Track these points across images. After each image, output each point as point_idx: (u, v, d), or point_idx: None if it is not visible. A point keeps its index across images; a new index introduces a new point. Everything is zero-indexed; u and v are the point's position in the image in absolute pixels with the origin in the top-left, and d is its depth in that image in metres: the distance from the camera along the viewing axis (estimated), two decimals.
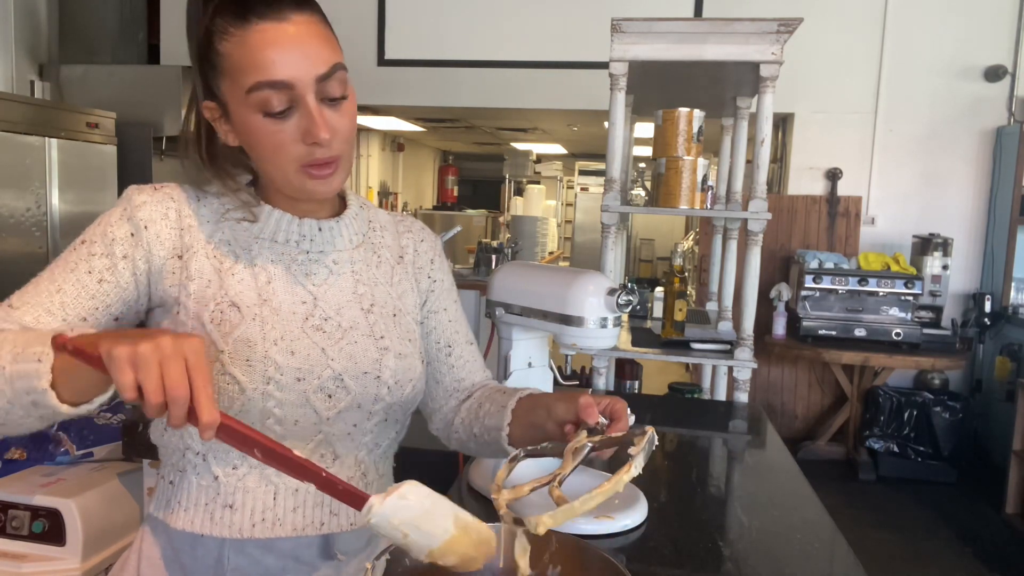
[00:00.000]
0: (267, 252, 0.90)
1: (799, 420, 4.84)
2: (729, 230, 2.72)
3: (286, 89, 0.80)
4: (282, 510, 0.88)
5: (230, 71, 0.81)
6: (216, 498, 0.87)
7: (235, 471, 0.87)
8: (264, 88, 0.79)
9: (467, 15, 4.64)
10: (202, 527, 0.87)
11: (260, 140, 0.83)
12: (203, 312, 0.85)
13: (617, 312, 1.25)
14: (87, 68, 4.79)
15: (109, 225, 0.86)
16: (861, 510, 3.84)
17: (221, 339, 0.83)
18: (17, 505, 1.65)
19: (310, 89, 0.81)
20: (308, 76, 0.80)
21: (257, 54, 0.79)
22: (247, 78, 0.80)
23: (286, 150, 0.83)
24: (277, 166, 0.84)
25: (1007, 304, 4.37)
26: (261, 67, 0.79)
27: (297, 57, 0.80)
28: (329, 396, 0.88)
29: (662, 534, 1.19)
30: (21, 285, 0.84)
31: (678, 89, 2.50)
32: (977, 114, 4.55)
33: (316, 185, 0.85)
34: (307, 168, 0.84)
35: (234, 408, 0.83)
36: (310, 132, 0.81)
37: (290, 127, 0.82)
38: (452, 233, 4.13)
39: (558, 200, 11.62)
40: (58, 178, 4.02)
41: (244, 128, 0.84)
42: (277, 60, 0.79)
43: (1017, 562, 3.37)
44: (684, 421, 1.94)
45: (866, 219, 4.74)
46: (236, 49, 0.80)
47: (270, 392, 0.84)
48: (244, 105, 0.81)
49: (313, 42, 0.81)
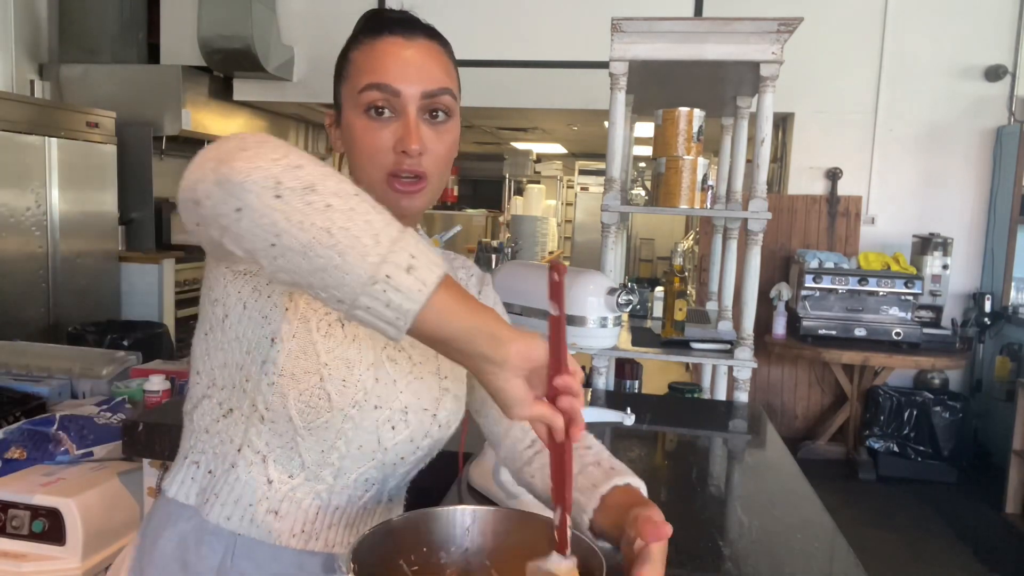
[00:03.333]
0: None
1: (799, 420, 4.84)
2: (729, 230, 2.72)
3: (393, 95, 0.85)
4: (321, 525, 0.88)
5: (352, 74, 0.88)
6: (262, 501, 0.86)
7: (290, 480, 0.86)
8: (373, 89, 0.85)
9: (467, 15, 4.64)
10: (239, 526, 0.86)
11: (358, 140, 0.86)
12: (311, 318, 0.82)
13: (617, 312, 1.25)
14: (87, 68, 4.79)
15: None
16: (861, 510, 3.84)
17: (325, 352, 0.82)
18: (17, 505, 1.65)
19: (415, 102, 0.86)
20: (416, 89, 0.85)
21: (378, 60, 0.86)
22: (363, 79, 0.86)
23: (379, 154, 0.86)
24: (368, 171, 0.87)
25: (1007, 304, 4.38)
26: (378, 71, 0.85)
27: (412, 70, 0.86)
28: (392, 427, 0.88)
29: None
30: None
31: (678, 89, 2.50)
32: (977, 114, 4.56)
33: (399, 199, 0.87)
34: (394, 178, 0.86)
35: (317, 423, 0.82)
36: (402, 140, 0.85)
37: (387, 132, 0.86)
38: (452, 233, 4.13)
39: (558, 200, 11.62)
40: (58, 178, 4.02)
41: (348, 128, 0.87)
42: (393, 68, 0.85)
43: (1017, 562, 3.37)
44: (684, 421, 1.94)
45: (866, 219, 4.74)
46: (362, 55, 0.87)
47: (351, 415, 0.84)
48: (354, 105, 0.87)
49: (430, 63, 0.87)
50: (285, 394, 0.81)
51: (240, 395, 0.84)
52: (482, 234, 8.35)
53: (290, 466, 0.86)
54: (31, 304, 3.91)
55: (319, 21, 4.87)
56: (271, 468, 0.86)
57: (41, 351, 2.52)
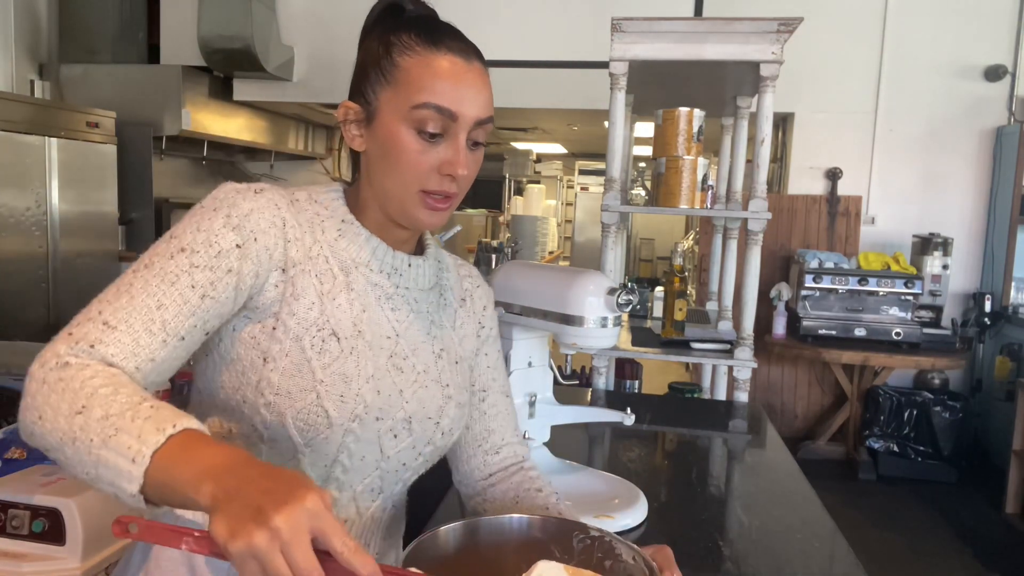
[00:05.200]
0: (363, 279, 0.88)
1: (799, 420, 4.84)
2: (729, 230, 2.72)
3: (448, 118, 0.84)
4: None
5: (402, 83, 0.84)
6: None
7: None
8: (431, 109, 0.83)
9: (467, 15, 4.62)
10: None
11: (401, 154, 0.84)
12: (304, 336, 0.82)
13: (617, 312, 1.25)
14: (87, 68, 4.79)
15: (212, 233, 0.79)
16: (861, 510, 3.84)
17: (320, 369, 0.82)
18: (17, 504, 1.65)
19: (467, 127, 0.85)
20: (471, 115, 0.85)
21: (438, 79, 0.83)
22: (419, 96, 0.83)
23: (420, 172, 0.84)
24: (402, 183, 0.85)
25: (1007, 304, 4.38)
26: (437, 91, 0.83)
27: (470, 96, 0.85)
28: (395, 436, 0.88)
29: (662, 533, 1.19)
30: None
31: (678, 89, 2.50)
32: (977, 114, 4.56)
33: (427, 215, 0.86)
34: (427, 196, 0.85)
35: (317, 440, 0.82)
36: (451, 163, 0.84)
37: (433, 153, 0.84)
38: (452, 233, 4.13)
39: (558, 200, 11.62)
40: (58, 178, 4.01)
41: (389, 138, 0.85)
42: (452, 92, 0.83)
43: (1017, 562, 3.37)
44: (684, 421, 1.94)
45: (866, 219, 4.74)
46: (417, 67, 0.84)
47: (352, 428, 0.84)
48: (402, 118, 0.84)
49: (485, 90, 0.87)
50: (283, 413, 0.81)
51: (240, 416, 0.84)
52: (482, 234, 8.35)
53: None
54: (31, 304, 3.90)
55: (319, 21, 4.87)
56: None
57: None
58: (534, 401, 1.38)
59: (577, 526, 0.80)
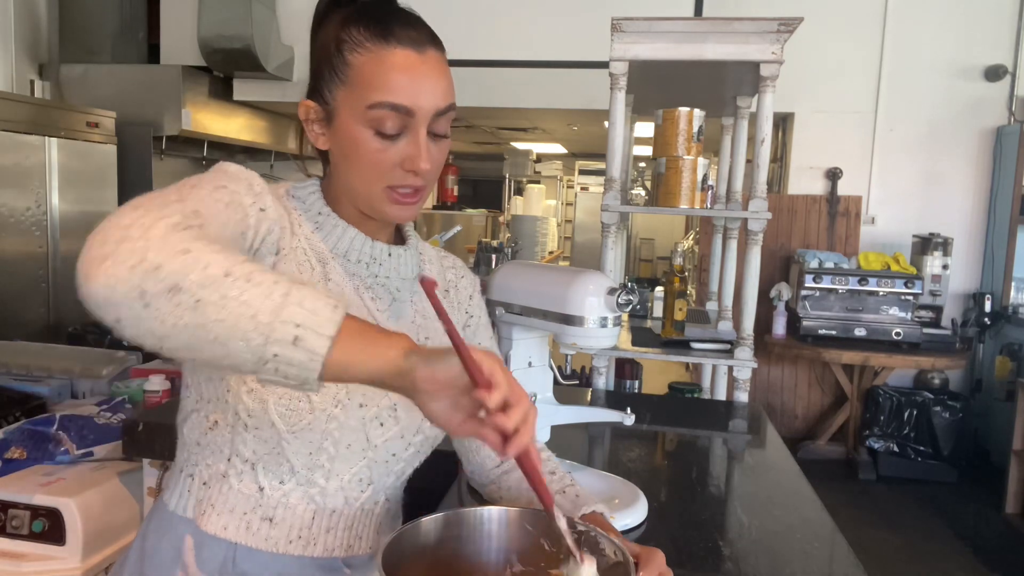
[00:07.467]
0: (340, 269, 0.89)
1: (799, 420, 4.84)
2: (729, 230, 2.72)
3: (406, 115, 0.82)
4: (318, 530, 0.88)
5: (355, 82, 0.83)
6: (256, 509, 0.86)
7: (281, 486, 0.86)
8: (386, 108, 0.82)
9: (467, 15, 4.64)
10: (236, 535, 0.86)
11: (361, 154, 0.84)
12: None
13: (617, 312, 1.25)
14: (87, 67, 4.79)
15: (238, 194, 0.78)
16: (861, 510, 3.84)
17: None
18: (17, 504, 1.65)
19: (426, 121, 0.83)
20: (429, 108, 0.83)
21: (390, 75, 0.82)
22: (373, 95, 0.82)
23: (382, 170, 0.84)
24: (366, 181, 0.85)
25: (1007, 304, 4.38)
26: (391, 88, 0.81)
27: (425, 88, 0.83)
28: (381, 424, 0.88)
29: (662, 533, 1.19)
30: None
31: (678, 89, 2.49)
32: (977, 114, 4.56)
33: (397, 210, 0.87)
34: (393, 191, 0.85)
35: (300, 426, 0.83)
36: (412, 159, 0.83)
37: (394, 150, 0.84)
38: (452, 233, 4.12)
39: (558, 200, 11.62)
40: (58, 178, 4.01)
41: (348, 138, 0.84)
42: (407, 86, 0.82)
43: (1017, 562, 3.37)
44: (684, 421, 1.94)
45: (866, 219, 4.74)
46: (369, 64, 0.82)
47: (335, 415, 0.84)
48: (358, 118, 0.83)
49: (441, 78, 0.85)
50: (265, 399, 0.82)
51: (223, 406, 0.84)
52: (482, 234, 8.34)
53: (279, 472, 0.86)
54: (31, 304, 3.90)
55: None
56: (261, 476, 0.86)
57: (41, 351, 2.52)
58: (534, 401, 1.38)
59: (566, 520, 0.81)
